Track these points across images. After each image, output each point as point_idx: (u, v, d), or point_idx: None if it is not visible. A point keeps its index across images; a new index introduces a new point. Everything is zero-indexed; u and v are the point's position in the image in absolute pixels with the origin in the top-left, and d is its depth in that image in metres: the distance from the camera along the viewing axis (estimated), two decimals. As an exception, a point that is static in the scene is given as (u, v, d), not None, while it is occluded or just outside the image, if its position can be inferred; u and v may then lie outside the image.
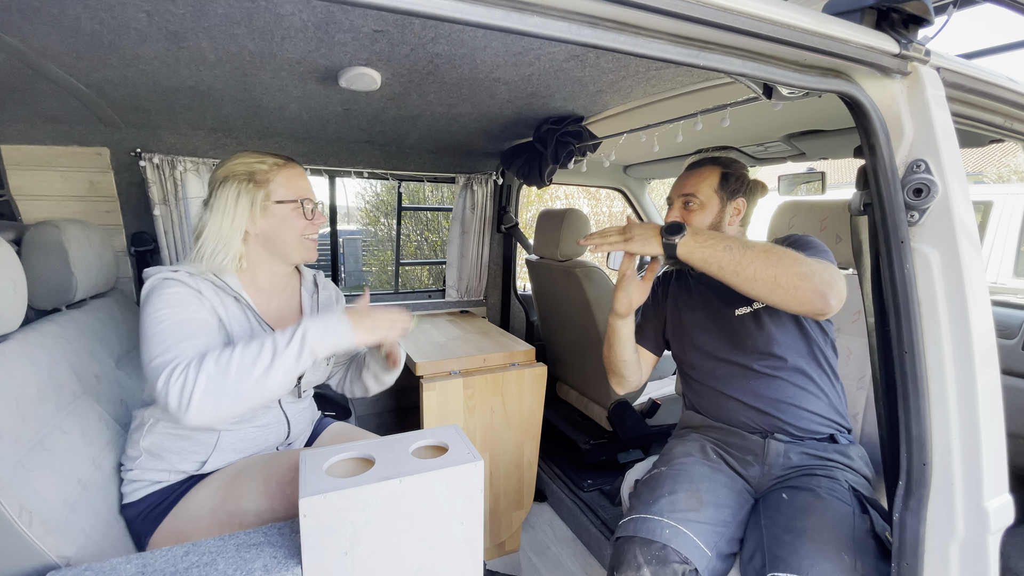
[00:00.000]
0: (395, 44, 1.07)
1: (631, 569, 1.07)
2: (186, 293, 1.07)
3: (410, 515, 0.94)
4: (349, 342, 1.04)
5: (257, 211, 1.15)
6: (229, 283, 1.15)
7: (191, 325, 1.03)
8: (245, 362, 0.96)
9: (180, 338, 1.00)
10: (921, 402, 0.82)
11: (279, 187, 1.17)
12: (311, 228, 1.22)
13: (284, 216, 1.18)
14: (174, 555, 0.91)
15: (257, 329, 1.18)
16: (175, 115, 1.68)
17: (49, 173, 1.77)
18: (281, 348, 0.98)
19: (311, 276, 1.40)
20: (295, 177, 1.21)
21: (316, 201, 1.24)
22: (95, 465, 1.15)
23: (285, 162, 1.21)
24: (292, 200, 1.18)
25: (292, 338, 0.99)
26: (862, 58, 0.78)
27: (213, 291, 1.13)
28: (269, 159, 1.19)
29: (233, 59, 1.16)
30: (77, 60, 1.17)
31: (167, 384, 0.93)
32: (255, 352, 0.97)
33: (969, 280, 0.80)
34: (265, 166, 1.17)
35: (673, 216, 1.41)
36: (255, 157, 1.18)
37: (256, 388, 0.96)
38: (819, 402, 1.28)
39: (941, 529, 0.82)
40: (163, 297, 1.05)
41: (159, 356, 0.97)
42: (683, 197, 1.39)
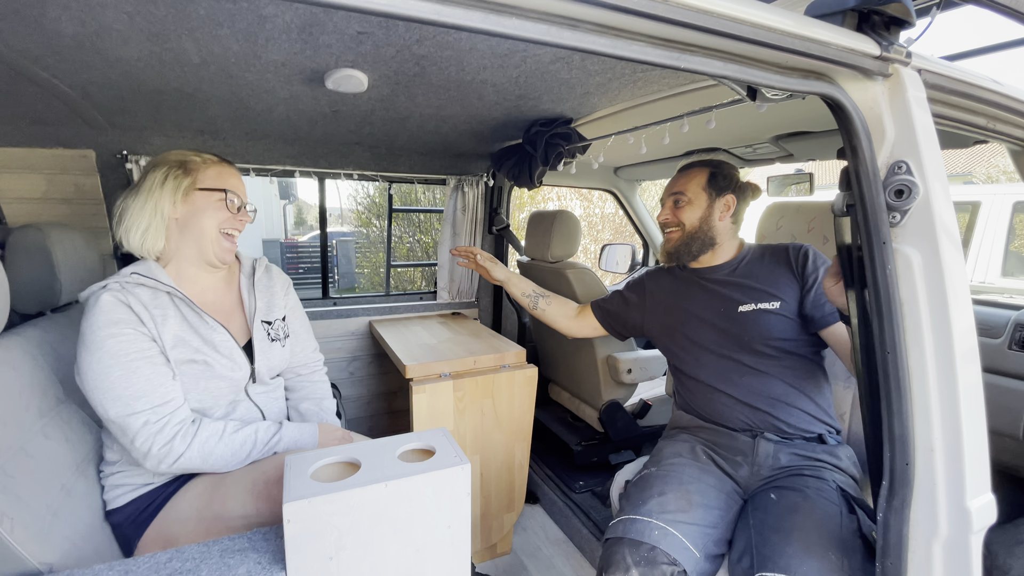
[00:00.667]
0: (380, 46, 1.06)
1: (620, 570, 1.08)
2: (122, 328, 1.05)
3: (396, 519, 0.93)
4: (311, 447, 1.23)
5: (179, 196, 1.16)
6: (159, 279, 1.13)
7: (137, 376, 1.04)
8: (224, 455, 1.11)
9: (135, 395, 1.03)
10: (904, 402, 0.82)
11: (207, 177, 1.18)
12: (232, 222, 1.21)
13: (206, 205, 1.17)
14: (157, 561, 0.90)
15: (198, 323, 1.16)
16: (161, 117, 1.67)
17: (34, 176, 1.75)
18: (259, 448, 1.17)
19: (250, 262, 1.38)
20: (226, 174, 1.21)
21: (245, 201, 1.24)
22: (79, 471, 1.14)
23: (221, 161, 1.23)
24: (217, 189, 1.18)
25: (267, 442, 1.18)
26: (843, 60, 0.79)
27: (147, 296, 1.11)
28: (207, 155, 1.22)
29: (217, 60, 1.15)
30: (60, 62, 1.16)
31: (147, 448, 1.04)
32: (235, 448, 1.13)
33: (950, 280, 0.81)
34: (199, 159, 1.20)
35: (665, 214, 1.48)
36: (193, 152, 1.21)
37: (224, 464, 1.13)
38: (810, 401, 1.29)
39: (924, 528, 0.82)
40: (101, 344, 1.03)
41: (119, 414, 1.03)
42: (673, 196, 1.46)
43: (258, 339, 1.27)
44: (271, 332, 1.31)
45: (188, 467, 1.08)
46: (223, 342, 1.19)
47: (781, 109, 1.52)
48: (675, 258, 1.47)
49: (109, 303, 1.05)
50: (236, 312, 1.29)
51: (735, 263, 1.43)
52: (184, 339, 1.13)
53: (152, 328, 1.09)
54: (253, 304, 1.31)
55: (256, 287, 1.33)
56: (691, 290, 1.48)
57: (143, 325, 1.07)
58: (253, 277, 1.35)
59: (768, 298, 1.33)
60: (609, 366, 2.11)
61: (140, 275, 1.12)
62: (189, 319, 1.16)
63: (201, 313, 1.17)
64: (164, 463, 1.05)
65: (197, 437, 1.08)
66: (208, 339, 1.17)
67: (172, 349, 1.10)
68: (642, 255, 3.22)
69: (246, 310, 1.30)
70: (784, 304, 1.31)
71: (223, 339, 1.19)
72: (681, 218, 1.44)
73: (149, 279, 1.12)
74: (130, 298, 1.08)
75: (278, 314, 1.35)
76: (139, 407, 1.03)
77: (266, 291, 1.35)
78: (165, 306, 1.13)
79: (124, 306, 1.06)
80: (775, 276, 1.35)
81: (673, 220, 1.45)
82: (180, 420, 1.07)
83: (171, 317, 1.13)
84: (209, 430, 1.10)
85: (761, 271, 1.38)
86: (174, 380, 1.09)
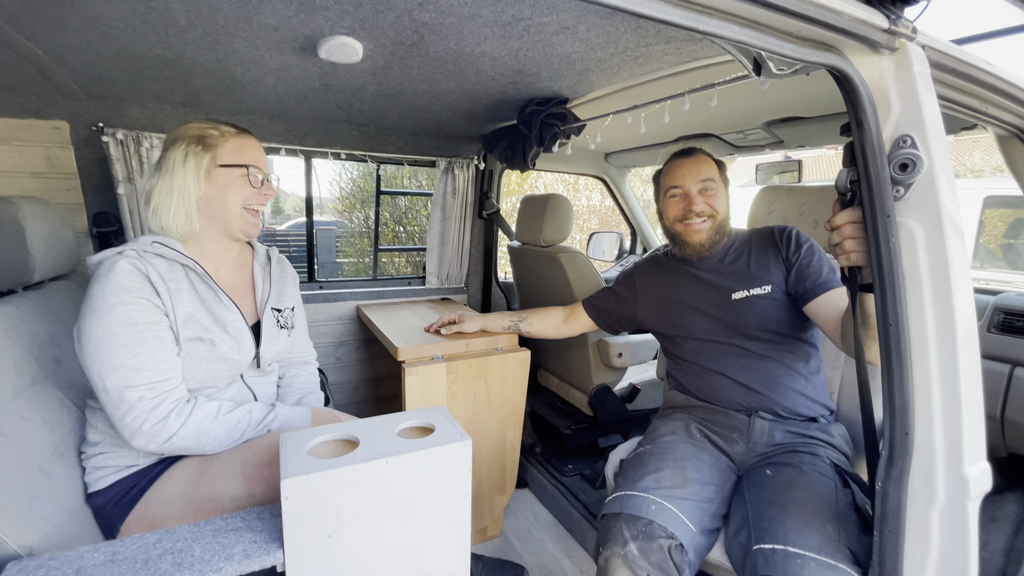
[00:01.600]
0: (380, 10, 1.03)
1: (618, 544, 1.08)
2: (135, 296, 1.02)
3: (396, 496, 0.92)
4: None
5: (202, 175, 1.13)
6: (180, 251, 1.12)
7: (142, 348, 1.01)
8: (218, 435, 1.08)
9: (135, 367, 1.00)
10: (904, 373, 0.83)
11: (227, 152, 1.15)
12: (257, 197, 1.18)
13: (228, 182, 1.14)
14: (146, 542, 0.87)
15: (212, 300, 1.14)
16: (141, 87, 1.59)
17: (2, 147, 1.66)
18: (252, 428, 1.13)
19: (264, 250, 1.37)
20: (246, 146, 1.18)
21: (267, 173, 1.20)
22: (57, 452, 1.09)
23: (239, 132, 1.18)
24: (239, 165, 1.15)
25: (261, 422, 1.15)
26: (853, 30, 0.79)
27: (164, 267, 1.08)
28: (223, 127, 1.17)
29: (205, 23, 1.10)
30: (35, 22, 1.09)
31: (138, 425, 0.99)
32: (228, 429, 1.09)
33: (952, 253, 0.82)
34: (216, 132, 1.16)
35: (699, 204, 1.36)
36: (209, 124, 1.17)
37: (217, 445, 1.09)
38: (806, 383, 1.31)
39: (922, 497, 0.84)
40: (113, 308, 0.99)
41: (116, 386, 0.99)
42: (703, 182, 1.37)
43: (267, 325, 1.26)
44: (280, 319, 1.30)
45: (179, 447, 1.04)
46: (234, 322, 1.17)
47: (776, 93, 1.53)
48: (708, 249, 1.41)
49: (126, 270, 1.02)
50: (248, 295, 1.28)
51: (724, 250, 1.43)
52: (194, 316, 1.10)
53: (167, 301, 1.06)
54: (267, 290, 1.30)
55: (271, 275, 1.33)
56: (682, 280, 1.48)
57: (158, 297, 1.04)
58: (269, 265, 1.34)
59: (759, 283, 1.34)
60: (600, 351, 2.11)
61: (161, 244, 1.10)
62: (203, 295, 1.13)
63: (217, 290, 1.15)
64: (155, 442, 1.01)
65: (192, 416, 1.04)
66: (219, 317, 1.14)
67: (182, 325, 1.08)
68: (630, 243, 3.24)
69: (257, 295, 1.29)
70: (774, 287, 1.32)
71: (234, 319, 1.17)
72: (716, 206, 1.37)
73: (169, 250, 1.10)
74: (148, 268, 1.04)
75: (288, 303, 1.35)
76: (138, 380, 0.99)
77: (279, 280, 1.34)
78: (180, 280, 1.10)
79: (141, 275, 1.03)
80: (764, 260, 1.36)
81: (708, 210, 1.37)
82: (176, 399, 1.04)
83: (184, 292, 1.10)
84: (204, 410, 1.07)
85: (751, 256, 1.39)
86: (177, 358, 1.06)
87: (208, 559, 0.83)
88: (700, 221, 1.37)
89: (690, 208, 1.37)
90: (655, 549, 1.05)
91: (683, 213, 1.39)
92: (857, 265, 0.92)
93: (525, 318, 1.76)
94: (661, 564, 1.04)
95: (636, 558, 1.05)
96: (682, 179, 1.39)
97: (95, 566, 0.80)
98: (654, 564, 1.04)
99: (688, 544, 1.07)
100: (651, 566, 1.04)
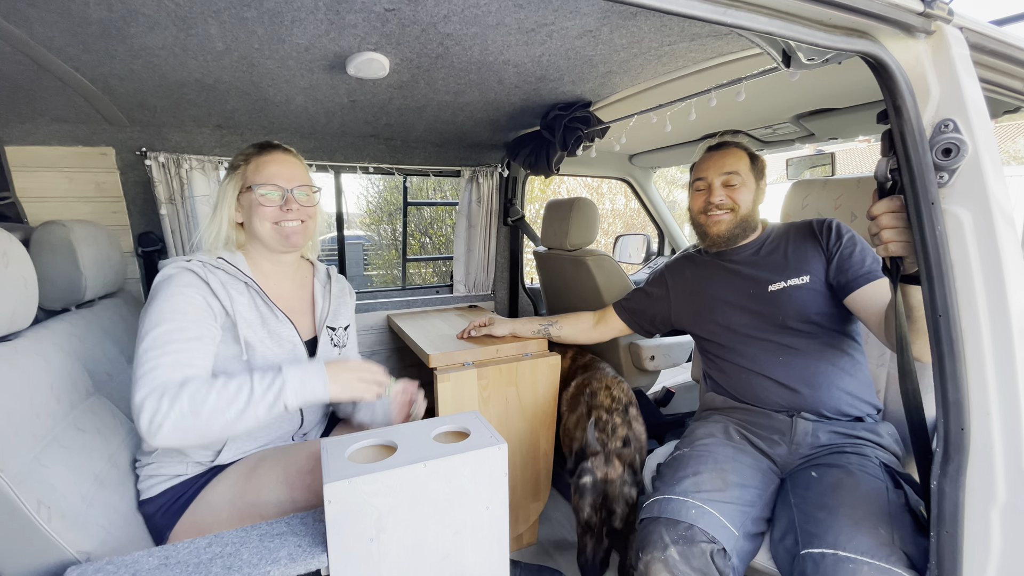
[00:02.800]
0: (406, 24, 1.05)
1: (657, 549, 1.06)
2: (194, 292, 1.08)
3: (435, 500, 0.92)
4: (324, 396, 1.06)
5: (233, 200, 1.19)
6: (239, 267, 1.17)
7: (182, 334, 1.03)
8: (219, 405, 0.97)
9: (166, 351, 1.01)
10: (958, 366, 0.80)
11: (251, 173, 1.18)
12: (281, 215, 1.17)
13: (253, 203, 1.17)
14: (197, 547, 0.90)
15: (267, 315, 1.18)
16: (180, 112, 1.67)
17: (55, 174, 1.76)
18: (257, 397, 0.99)
19: (324, 268, 1.40)
20: (268, 163, 1.18)
21: (287, 187, 1.17)
22: (111, 462, 1.14)
23: (262, 149, 1.21)
24: (261, 185, 1.17)
25: (269, 388, 1.01)
26: (887, 15, 0.77)
27: (225, 279, 1.14)
28: (252, 147, 1.21)
29: (241, 46, 1.15)
30: (83, 52, 1.16)
31: (141, 406, 0.94)
32: (231, 396, 0.98)
33: (1003, 239, 0.78)
34: (243, 156, 1.20)
35: (719, 196, 1.37)
36: (250, 147, 1.22)
37: (224, 429, 0.98)
38: (851, 380, 1.27)
39: (981, 495, 0.80)
40: (170, 296, 1.06)
41: (141, 367, 0.98)
42: (725, 175, 1.37)
43: (323, 342, 1.29)
44: (334, 338, 1.33)
45: (181, 429, 0.95)
46: (288, 337, 1.20)
47: (805, 85, 1.50)
48: (727, 242, 1.40)
49: (190, 275, 1.10)
50: (307, 313, 1.31)
51: (759, 242, 1.41)
52: (251, 325, 1.15)
53: (227, 304, 1.11)
54: (326, 308, 1.32)
55: (332, 293, 1.35)
56: (716, 275, 1.45)
57: (216, 299, 1.10)
58: (329, 284, 1.37)
59: (797, 273, 1.31)
60: (632, 354, 2.08)
61: (224, 260, 1.16)
62: (260, 310, 1.18)
63: (272, 307, 1.19)
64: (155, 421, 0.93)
65: (184, 389, 0.97)
66: (273, 332, 1.18)
67: (240, 325, 1.12)
68: (657, 245, 3.20)
69: (317, 313, 1.32)
70: (814, 277, 1.29)
71: (289, 334, 1.21)
72: (737, 200, 1.36)
73: (231, 266, 1.16)
74: (210, 276, 1.11)
75: (343, 322, 1.37)
76: (164, 361, 0.99)
77: (337, 299, 1.36)
78: (241, 291, 1.16)
79: (203, 281, 1.11)
80: (802, 251, 1.33)
81: (728, 202, 1.37)
82: None
83: (244, 303, 1.16)
84: (198, 382, 0.99)
85: (788, 248, 1.36)
86: (209, 355, 1.08)
87: (256, 563, 0.85)
88: (720, 213, 1.38)
89: (710, 199, 1.38)
90: (696, 553, 1.02)
91: (704, 205, 1.40)
92: (897, 255, 0.89)
93: (555, 322, 1.76)
94: (703, 569, 1.01)
95: (677, 563, 1.03)
96: (707, 171, 1.39)
97: (150, 570, 0.83)
98: (696, 569, 1.01)
99: (731, 549, 1.04)
100: (693, 571, 1.01)
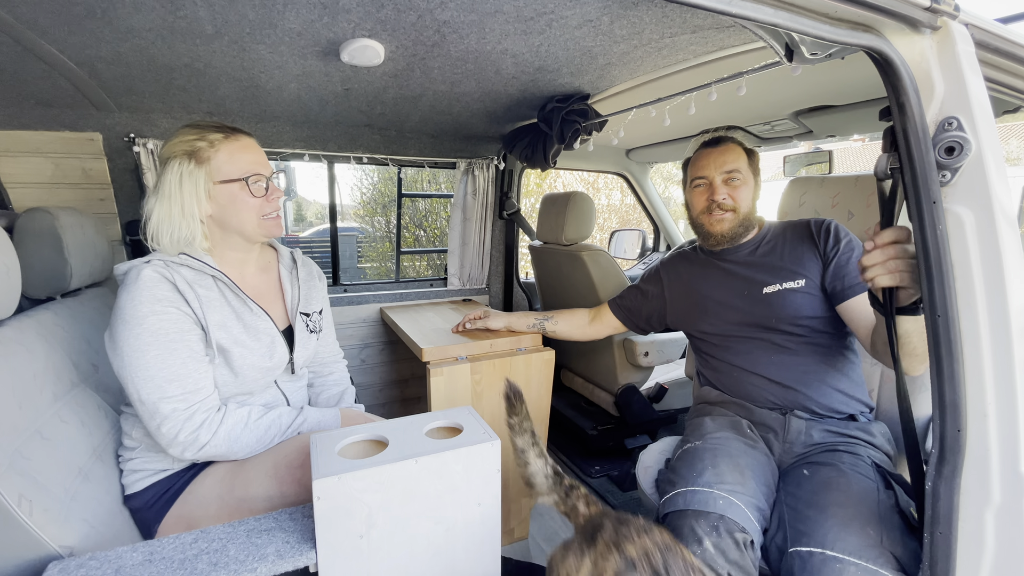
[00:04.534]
0: (401, 11, 1.03)
1: (692, 543, 0.99)
2: (163, 306, 1.01)
3: (426, 496, 0.91)
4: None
5: (202, 195, 1.07)
6: (207, 261, 1.10)
7: (174, 358, 1.01)
8: (249, 441, 1.09)
9: (168, 378, 1.00)
10: (955, 366, 0.79)
11: (222, 164, 1.08)
12: (267, 206, 1.13)
13: (231, 197, 1.09)
14: (183, 542, 0.88)
15: (241, 309, 1.13)
16: (169, 97, 1.63)
17: (40, 159, 1.72)
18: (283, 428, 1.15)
19: (288, 253, 1.34)
20: (239, 150, 1.10)
21: (267, 174, 1.13)
22: (95, 455, 1.12)
23: (228, 134, 1.10)
24: (237, 179, 1.09)
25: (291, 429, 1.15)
26: (893, 9, 0.75)
27: (191, 276, 1.07)
28: (211, 133, 1.08)
29: (232, 30, 1.12)
30: (69, 35, 1.12)
31: (173, 435, 1.01)
32: (259, 435, 1.10)
33: (1004, 239, 0.77)
34: (205, 142, 1.07)
35: (721, 194, 1.33)
36: (196, 133, 1.08)
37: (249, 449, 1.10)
38: (843, 379, 1.26)
39: (976, 497, 0.79)
40: (143, 318, 0.98)
41: (150, 396, 0.99)
42: (726, 173, 1.33)
43: (299, 330, 1.25)
44: (309, 324, 1.29)
45: (212, 454, 1.05)
46: (266, 329, 1.16)
47: (805, 80, 1.48)
48: (729, 240, 1.38)
49: (154, 279, 1.01)
50: (276, 300, 1.27)
51: (756, 242, 1.39)
52: (226, 324, 1.10)
53: (197, 309, 1.05)
54: (296, 296, 1.28)
55: (299, 278, 1.31)
56: (711, 274, 1.44)
57: (187, 305, 1.04)
58: (295, 269, 1.32)
59: (793, 276, 1.29)
60: (625, 350, 2.08)
61: (188, 255, 1.08)
62: (233, 304, 1.12)
63: (245, 299, 1.14)
64: (189, 451, 1.02)
65: (223, 425, 1.05)
66: (250, 325, 1.14)
67: (214, 331, 1.07)
68: (652, 240, 3.19)
69: (287, 301, 1.28)
70: (809, 281, 1.28)
71: (266, 326, 1.17)
72: (737, 199, 1.33)
73: (196, 261, 1.09)
74: (175, 276, 1.03)
75: (316, 307, 1.33)
76: (171, 392, 0.99)
77: (306, 283, 1.32)
78: (209, 287, 1.10)
79: (168, 283, 1.02)
80: (799, 253, 1.32)
81: (731, 202, 1.33)
82: (208, 408, 1.04)
83: (215, 300, 1.09)
84: (234, 418, 1.07)
85: (784, 249, 1.34)
86: (208, 366, 1.06)
87: (243, 559, 0.83)
88: (723, 213, 1.34)
89: (712, 198, 1.34)
90: (731, 545, 0.97)
91: (707, 204, 1.36)
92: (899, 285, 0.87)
93: (550, 317, 1.74)
94: (739, 562, 0.97)
95: (714, 556, 0.97)
96: (707, 169, 1.35)
97: (134, 566, 0.82)
98: (732, 561, 0.96)
99: (758, 542, 1.02)
100: (729, 564, 0.96)
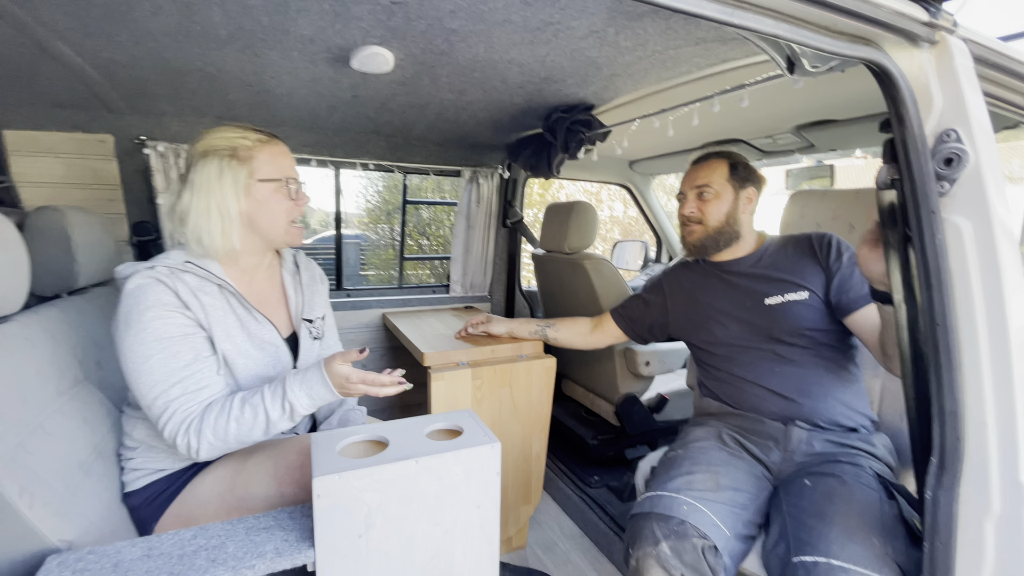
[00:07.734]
0: (412, 19, 1.05)
1: (649, 544, 1.05)
2: (169, 311, 1.01)
3: (426, 497, 0.91)
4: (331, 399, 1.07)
5: (240, 190, 1.09)
6: (212, 271, 1.09)
7: (177, 360, 1.00)
8: (242, 430, 1.01)
9: (171, 381, 0.99)
10: (954, 376, 0.80)
11: (263, 164, 1.10)
12: (296, 210, 1.16)
13: (268, 196, 1.11)
14: (181, 538, 0.88)
15: (246, 318, 1.12)
16: (181, 101, 1.66)
17: (51, 159, 1.74)
18: (275, 420, 1.02)
19: (290, 256, 1.34)
20: (279, 154, 1.14)
21: (300, 181, 1.18)
22: (96, 451, 1.12)
23: (269, 138, 1.14)
24: (276, 179, 1.12)
25: (283, 409, 1.03)
26: (892, 23, 0.77)
27: (195, 283, 1.07)
28: (252, 134, 1.12)
29: (245, 35, 1.14)
30: (86, 37, 1.15)
31: (172, 439, 0.99)
32: (250, 422, 1.01)
33: (1002, 249, 0.78)
34: (248, 142, 1.10)
35: (689, 208, 1.42)
36: (237, 132, 1.11)
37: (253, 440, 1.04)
38: (846, 391, 1.27)
39: (976, 506, 0.79)
40: (148, 324, 0.99)
41: (155, 400, 0.99)
42: (697, 188, 1.41)
43: (303, 336, 1.25)
44: (313, 330, 1.28)
45: (215, 452, 1.02)
46: (270, 339, 1.15)
47: (807, 93, 1.50)
48: (700, 252, 1.44)
49: (157, 287, 1.01)
50: (280, 306, 1.26)
51: (758, 255, 1.41)
52: (231, 334, 1.09)
53: (202, 317, 1.04)
54: (300, 301, 1.28)
55: (302, 283, 1.30)
56: (713, 284, 1.45)
57: (188, 310, 1.03)
58: (298, 274, 1.32)
59: (796, 288, 1.30)
60: (626, 359, 2.08)
61: (194, 265, 1.08)
62: (238, 313, 1.12)
63: (250, 308, 1.13)
64: (191, 451, 1.00)
65: (204, 423, 1.00)
66: (254, 335, 1.13)
67: (219, 340, 1.06)
68: (655, 252, 3.21)
69: (291, 307, 1.27)
70: (812, 294, 1.29)
71: (271, 335, 1.16)
72: (707, 212, 1.38)
73: (202, 270, 1.08)
74: (178, 284, 1.03)
75: (319, 312, 1.32)
76: (174, 394, 0.99)
77: (309, 288, 1.31)
78: (213, 294, 1.09)
79: (171, 291, 1.03)
80: (800, 266, 1.33)
81: (697, 215, 1.40)
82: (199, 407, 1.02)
83: (219, 308, 1.08)
84: (213, 414, 1.01)
85: (785, 261, 1.36)
86: (214, 365, 1.05)
87: (241, 556, 0.83)
88: (692, 225, 1.43)
89: (682, 212, 1.44)
90: (688, 548, 1.02)
91: (688, 216, 1.45)
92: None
93: (552, 324, 1.75)
94: (695, 564, 1.01)
95: (669, 558, 1.02)
96: (684, 184, 1.46)
97: (132, 560, 0.82)
98: (687, 564, 1.01)
99: (722, 547, 1.03)
100: (684, 566, 1.01)
